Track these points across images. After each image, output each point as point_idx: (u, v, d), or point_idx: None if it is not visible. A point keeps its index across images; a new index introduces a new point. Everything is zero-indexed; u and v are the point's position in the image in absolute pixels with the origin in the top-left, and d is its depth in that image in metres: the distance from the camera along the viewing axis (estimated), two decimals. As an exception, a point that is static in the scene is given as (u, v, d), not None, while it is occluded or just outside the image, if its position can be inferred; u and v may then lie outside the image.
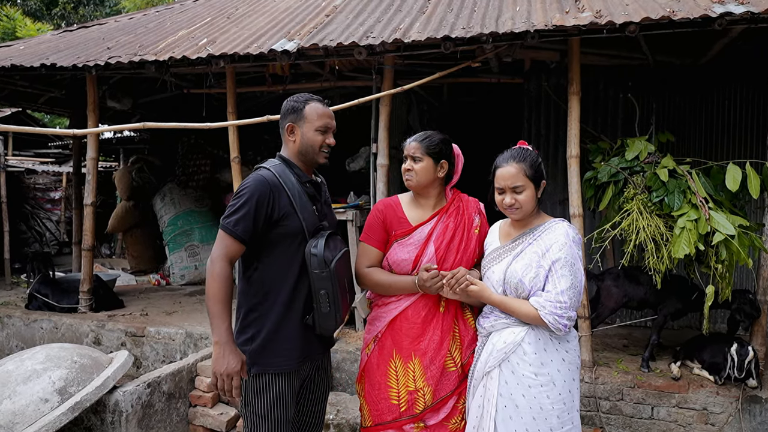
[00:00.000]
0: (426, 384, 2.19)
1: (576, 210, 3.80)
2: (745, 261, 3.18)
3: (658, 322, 3.87)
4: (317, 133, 2.17)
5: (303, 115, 2.16)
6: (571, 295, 2.01)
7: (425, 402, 2.20)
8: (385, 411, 2.24)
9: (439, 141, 2.28)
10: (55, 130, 3.63)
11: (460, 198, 2.36)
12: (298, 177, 2.15)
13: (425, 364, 2.20)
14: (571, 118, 3.87)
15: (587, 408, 3.73)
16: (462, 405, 2.25)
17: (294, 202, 2.08)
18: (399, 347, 2.24)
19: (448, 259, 2.23)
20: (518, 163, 2.11)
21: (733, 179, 3.35)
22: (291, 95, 2.26)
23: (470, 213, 2.31)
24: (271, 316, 2.08)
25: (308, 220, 2.11)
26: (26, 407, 2.86)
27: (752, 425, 3.48)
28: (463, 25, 3.91)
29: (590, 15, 3.61)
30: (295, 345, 2.10)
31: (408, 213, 2.32)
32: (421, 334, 2.22)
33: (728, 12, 3.29)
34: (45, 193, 10.49)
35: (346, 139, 6.93)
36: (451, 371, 2.23)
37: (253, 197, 2.01)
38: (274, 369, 2.08)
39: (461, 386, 2.25)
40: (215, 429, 3.65)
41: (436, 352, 2.20)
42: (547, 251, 2.05)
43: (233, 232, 2.00)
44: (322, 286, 2.04)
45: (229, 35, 4.72)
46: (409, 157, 2.27)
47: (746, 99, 4.82)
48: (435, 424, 2.21)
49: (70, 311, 5.19)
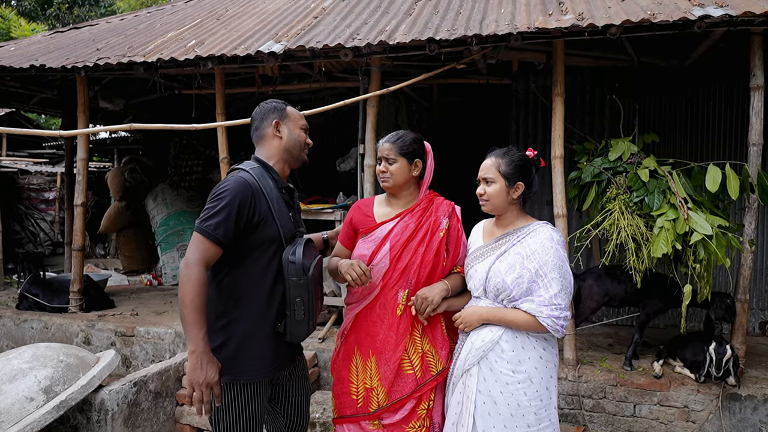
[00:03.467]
0: (380, 384, 2.20)
1: (560, 210, 3.84)
2: (723, 261, 3.22)
3: (641, 320, 3.91)
4: (301, 131, 2.22)
5: (287, 114, 2.19)
6: (564, 296, 2.05)
7: (378, 402, 2.20)
8: (346, 405, 2.27)
9: (411, 141, 2.28)
10: (42, 131, 3.66)
11: (432, 200, 2.33)
12: (275, 182, 2.12)
13: (380, 364, 2.21)
14: (555, 119, 3.91)
15: (570, 406, 3.77)
16: (422, 410, 2.22)
17: (272, 208, 2.04)
18: (359, 344, 2.27)
19: (403, 258, 2.21)
20: (496, 157, 2.18)
21: (713, 180, 3.39)
22: (281, 96, 2.28)
23: (438, 215, 2.28)
24: (242, 323, 2.01)
25: (285, 227, 2.08)
26: (11, 406, 2.88)
27: (732, 422, 3.53)
28: (447, 27, 3.95)
29: (572, 17, 3.65)
30: (266, 353, 2.05)
31: (377, 211, 2.35)
32: (377, 333, 2.23)
33: (707, 15, 3.34)
34: (39, 193, 10.50)
35: (337, 139, 7.00)
36: (408, 374, 2.20)
37: (235, 200, 1.94)
38: (246, 378, 2.02)
39: (420, 390, 2.21)
40: (201, 428, 3.68)
41: (391, 353, 2.19)
42: (532, 254, 2.08)
43: (213, 235, 1.91)
44: (299, 293, 2.00)
45: (217, 37, 4.75)
46: (383, 159, 2.27)
47: (730, 100, 4.87)
48: (391, 424, 2.20)
49: (61, 311, 5.22)
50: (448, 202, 2.37)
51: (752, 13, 3.27)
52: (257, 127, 2.20)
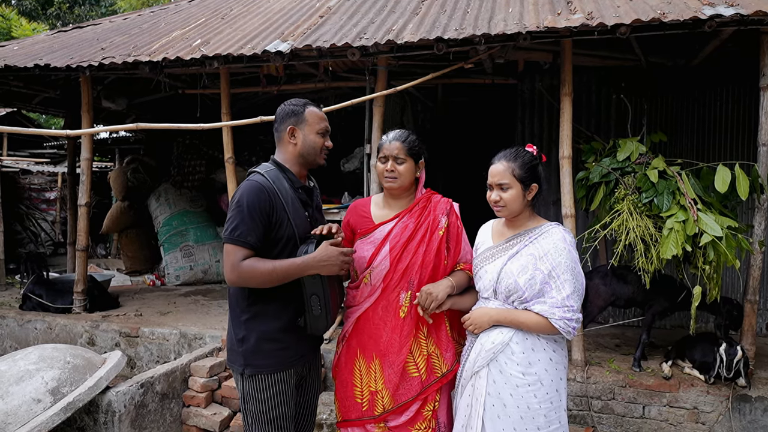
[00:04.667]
0: (384, 387, 2.19)
1: (568, 210, 3.83)
2: (733, 263, 3.20)
3: (647, 321, 3.90)
4: (318, 135, 2.20)
5: (304, 118, 2.18)
6: (576, 298, 2.04)
7: (384, 405, 2.19)
8: (350, 408, 2.26)
9: (416, 140, 2.26)
10: (47, 131, 3.64)
11: (429, 198, 2.29)
12: (291, 183, 2.17)
13: (384, 366, 2.19)
14: (563, 119, 3.89)
15: (579, 407, 3.75)
16: (428, 411, 2.20)
17: (287, 209, 2.10)
18: (362, 347, 2.25)
19: (404, 259, 2.19)
20: (508, 161, 2.13)
21: (722, 181, 3.38)
22: (286, 96, 2.27)
23: (437, 214, 2.24)
24: (263, 317, 2.10)
25: (300, 227, 2.13)
26: (19, 407, 2.86)
27: (742, 424, 3.51)
28: (455, 27, 3.93)
29: (582, 17, 3.63)
30: (287, 345, 2.13)
31: (375, 212, 2.32)
32: (380, 335, 2.21)
33: (718, 14, 3.32)
34: (40, 193, 10.47)
35: (342, 139, 6.98)
36: (413, 377, 2.19)
37: (255, 206, 2.02)
38: (268, 370, 2.11)
39: (426, 392, 2.20)
40: (209, 429, 3.66)
41: (395, 355, 2.18)
42: (545, 255, 2.06)
43: (246, 243, 2.01)
44: (314, 290, 2.06)
45: (223, 36, 4.73)
46: (391, 158, 2.21)
47: (738, 100, 4.85)
48: (397, 426, 2.20)
49: (65, 312, 5.19)
50: (446, 199, 2.33)
51: (763, 12, 3.25)
52: (276, 129, 2.24)
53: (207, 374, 3.78)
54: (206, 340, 4.48)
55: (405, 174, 2.21)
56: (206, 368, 3.79)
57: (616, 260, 3.56)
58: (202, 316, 5.11)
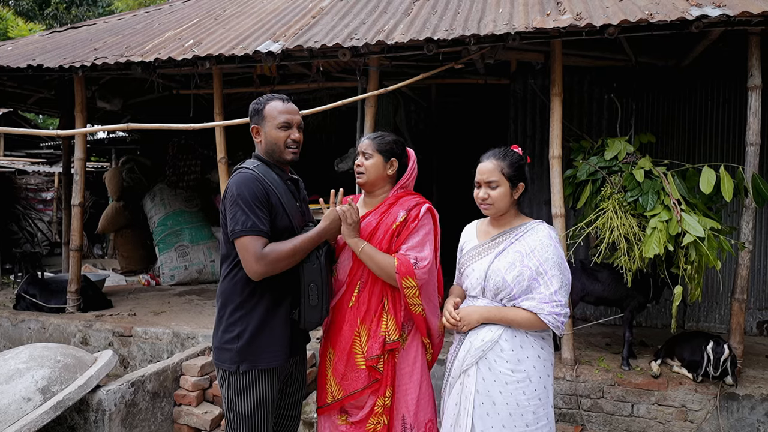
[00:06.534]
0: (332, 375, 2.28)
1: (558, 210, 3.85)
2: (714, 263, 3.22)
3: (626, 318, 3.93)
4: (279, 130, 2.17)
5: (263, 115, 2.19)
6: (563, 293, 2.06)
7: (333, 394, 2.27)
8: (322, 396, 2.35)
9: (390, 140, 2.32)
10: (39, 131, 3.65)
11: (399, 197, 2.29)
12: (279, 175, 2.18)
13: (336, 356, 2.27)
14: (553, 119, 3.91)
15: (568, 405, 3.77)
16: (378, 407, 2.23)
17: (281, 200, 2.12)
18: (328, 338, 2.35)
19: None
20: (498, 160, 2.16)
21: (707, 182, 3.40)
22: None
23: (398, 210, 2.24)
24: (258, 312, 2.10)
25: (296, 217, 2.16)
26: (8, 406, 2.88)
27: (730, 422, 3.53)
28: (445, 27, 3.95)
29: (570, 17, 3.65)
30: (281, 341, 2.14)
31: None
32: (333, 325, 2.30)
33: (704, 15, 3.34)
34: (36, 193, 10.49)
35: (335, 140, 6.99)
36: (361, 368, 2.22)
37: (254, 196, 2.03)
38: (263, 365, 2.10)
39: (375, 385, 2.22)
40: (199, 427, 3.67)
41: (343, 345, 2.24)
42: (531, 252, 2.08)
43: (261, 231, 2.01)
44: (312, 279, 2.08)
45: (215, 36, 4.75)
46: (360, 154, 2.31)
47: (727, 101, 4.87)
48: (355, 422, 2.26)
49: (58, 311, 5.20)
50: (417, 198, 2.30)
51: (750, 13, 3.28)
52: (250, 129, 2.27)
53: (198, 373, 3.80)
54: (199, 339, 4.50)
55: (370, 169, 2.27)
56: (197, 367, 3.80)
57: (599, 258, 3.59)
58: (196, 316, 5.13)
